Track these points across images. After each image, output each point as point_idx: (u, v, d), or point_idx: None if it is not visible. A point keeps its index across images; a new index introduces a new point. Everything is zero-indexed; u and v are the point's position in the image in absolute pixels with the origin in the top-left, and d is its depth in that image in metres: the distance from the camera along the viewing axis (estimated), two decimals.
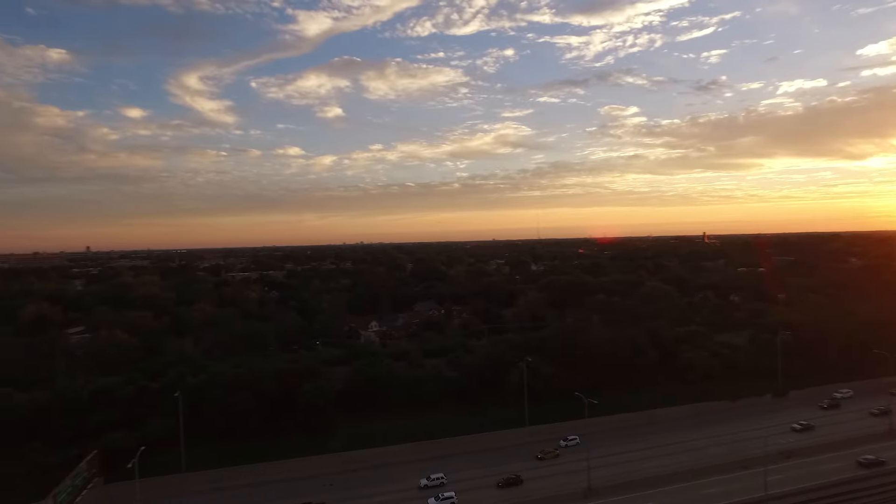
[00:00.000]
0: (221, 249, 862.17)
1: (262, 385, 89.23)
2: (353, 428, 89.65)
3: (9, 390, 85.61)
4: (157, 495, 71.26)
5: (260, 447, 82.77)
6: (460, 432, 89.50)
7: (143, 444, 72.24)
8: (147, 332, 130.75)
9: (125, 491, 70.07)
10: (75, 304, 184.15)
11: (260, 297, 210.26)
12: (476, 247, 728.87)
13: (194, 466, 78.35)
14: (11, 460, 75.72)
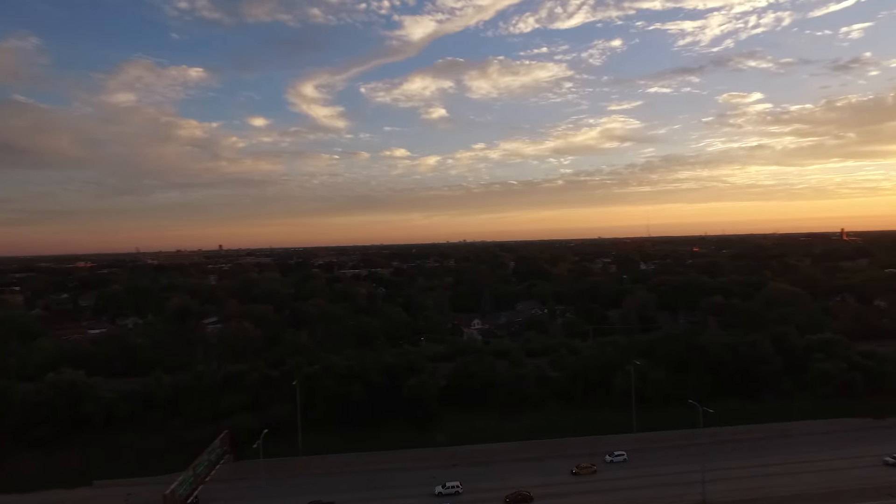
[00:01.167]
0: (334, 248, 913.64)
1: (371, 377, 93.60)
2: (456, 423, 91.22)
3: (158, 372, 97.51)
4: (279, 475, 77.58)
5: (368, 436, 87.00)
6: (562, 433, 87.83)
7: (267, 427, 78.80)
8: (269, 324, 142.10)
9: (251, 468, 77.03)
10: (210, 298, 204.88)
11: (369, 294, 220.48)
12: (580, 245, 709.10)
13: (310, 450, 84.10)
14: (159, 434, 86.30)
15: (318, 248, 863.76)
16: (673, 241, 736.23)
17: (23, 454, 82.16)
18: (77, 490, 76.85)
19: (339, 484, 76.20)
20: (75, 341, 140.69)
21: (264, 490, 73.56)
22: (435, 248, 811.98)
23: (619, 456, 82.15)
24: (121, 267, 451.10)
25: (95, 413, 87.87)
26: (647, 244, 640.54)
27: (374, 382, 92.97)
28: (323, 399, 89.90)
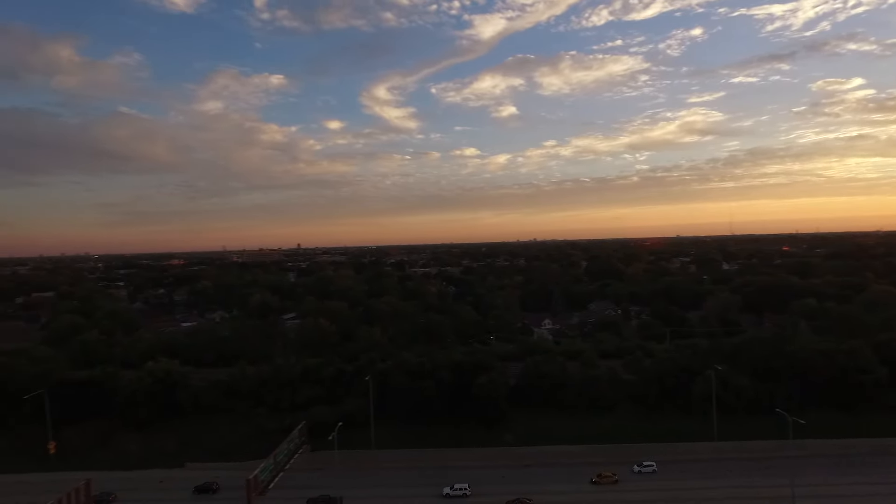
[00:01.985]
0: (405, 246, 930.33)
1: (441, 374, 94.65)
2: (525, 423, 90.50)
3: (242, 364, 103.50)
4: (353, 467, 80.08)
5: (438, 433, 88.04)
6: (636, 438, 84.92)
7: (341, 420, 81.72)
8: (344, 321, 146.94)
9: (327, 459, 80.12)
10: (289, 294, 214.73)
11: (439, 292, 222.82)
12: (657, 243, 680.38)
13: (381, 444, 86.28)
14: (242, 422, 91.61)
15: (390, 247, 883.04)
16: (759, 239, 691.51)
17: (127, 436, 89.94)
18: (172, 471, 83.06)
19: (412, 479, 77.59)
20: (170, 333, 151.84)
21: (339, 481, 76.27)
22: (505, 246, 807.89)
23: (647, 466, 78.47)
24: (209, 264, 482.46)
25: (187, 400, 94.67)
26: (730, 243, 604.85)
27: (444, 380, 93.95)
28: (394, 394, 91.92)
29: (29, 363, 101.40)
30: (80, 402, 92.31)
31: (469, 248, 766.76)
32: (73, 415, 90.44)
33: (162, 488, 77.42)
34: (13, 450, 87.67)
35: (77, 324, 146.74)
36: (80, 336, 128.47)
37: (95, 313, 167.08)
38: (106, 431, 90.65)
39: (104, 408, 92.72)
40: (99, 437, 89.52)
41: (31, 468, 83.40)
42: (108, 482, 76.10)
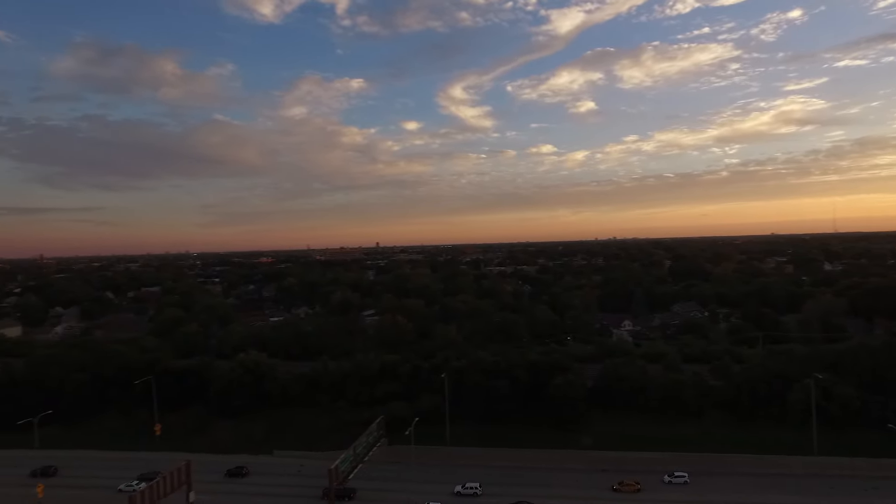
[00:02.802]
0: (481, 245, 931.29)
1: (516, 374, 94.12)
2: (604, 426, 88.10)
3: (324, 358, 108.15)
4: (428, 462, 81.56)
5: (512, 432, 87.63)
6: (724, 448, 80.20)
7: (417, 416, 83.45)
8: (420, 318, 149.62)
9: (403, 453, 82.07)
10: (368, 291, 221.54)
11: (514, 291, 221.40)
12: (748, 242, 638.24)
13: (456, 441, 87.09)
14: (324, 414, 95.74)
15: (466, 246, 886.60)
16: (868, 237, 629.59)
17: (221, 422, 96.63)
18: (260, 457, 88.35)
19: (487, 478, 77.71)
20: (259, 327, 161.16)
21: (415, 475, 78.02)
22: (582, 245, 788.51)
23: (679, 477, 74.65)
24: (295, 262, 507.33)
25: (275, 391, 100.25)
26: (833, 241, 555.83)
27: (519, 379, 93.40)
28: (469, 393, 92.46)
29: (139, 352, 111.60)
30: (181, 390, 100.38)
31: (545, 247, 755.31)
32: (175, 400, 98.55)
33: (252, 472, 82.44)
34: (127, 429, 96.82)
35: (178, 317, 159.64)
36: (181, 328, 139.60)
37: (194, 307, 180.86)
38: (203, 418, 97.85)
39: (201, 395, 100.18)
40: (197, 423, 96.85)
41: (141, 447, 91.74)
42: (206, 464, 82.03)
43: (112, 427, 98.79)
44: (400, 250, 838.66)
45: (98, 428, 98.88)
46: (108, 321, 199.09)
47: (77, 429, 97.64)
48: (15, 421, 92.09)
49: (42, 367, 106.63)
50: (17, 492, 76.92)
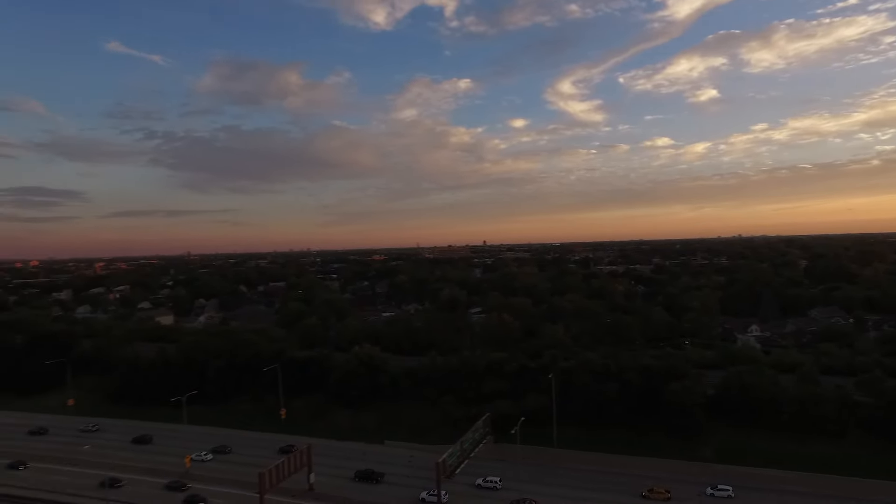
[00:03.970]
0: (590, 243, 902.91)
1: (628, 377, 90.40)
2: (725, 438, 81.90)
3: (433, 353, 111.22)
4: (534, 463, 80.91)
5: (623, 438, 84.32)
6: (872, 473, 71.02)
7: (523, 415, 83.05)
8: (527, 317, 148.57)
9: (509, 452, 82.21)
10: (475, 289, 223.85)
11: (626, 291, 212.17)
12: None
13: (563, 443, 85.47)
14: (432, 408, 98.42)
15: (574, 244, 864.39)
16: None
17: (338, 411, 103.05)
18: (373, 446, 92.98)
19: (596, 483, 75.65)
20: (372, 322, 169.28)
21: (520, 475, 77.79)
22: (702, 243, 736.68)
23: (722, 490, 70.58)
24: (405, 260, 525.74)
25: (386, 383, 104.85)
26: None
27: (630, 383, 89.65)
28: (576, 394, 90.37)
29: (267, 342, 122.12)
30: (304, 378, 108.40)
31: (660, 245, 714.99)
32: (298, 388, 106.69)
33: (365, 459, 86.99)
34: (257, 413, 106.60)
35: (301, 310, 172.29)
36: (303, 321, 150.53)
37: (315, 301, 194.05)
38: (323, 405, 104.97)
39: (322, 384, 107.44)
40: (317, 410, 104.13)
41: (268, 429, 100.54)
42: (324, 448, 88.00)
43: (245, 409, 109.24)
44: (507, 248, 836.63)
45: (234, 409, 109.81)
46: (241, 312, 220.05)
47: (217, 408, 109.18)
48: (168, 398, 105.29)
49: (189, 352, 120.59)
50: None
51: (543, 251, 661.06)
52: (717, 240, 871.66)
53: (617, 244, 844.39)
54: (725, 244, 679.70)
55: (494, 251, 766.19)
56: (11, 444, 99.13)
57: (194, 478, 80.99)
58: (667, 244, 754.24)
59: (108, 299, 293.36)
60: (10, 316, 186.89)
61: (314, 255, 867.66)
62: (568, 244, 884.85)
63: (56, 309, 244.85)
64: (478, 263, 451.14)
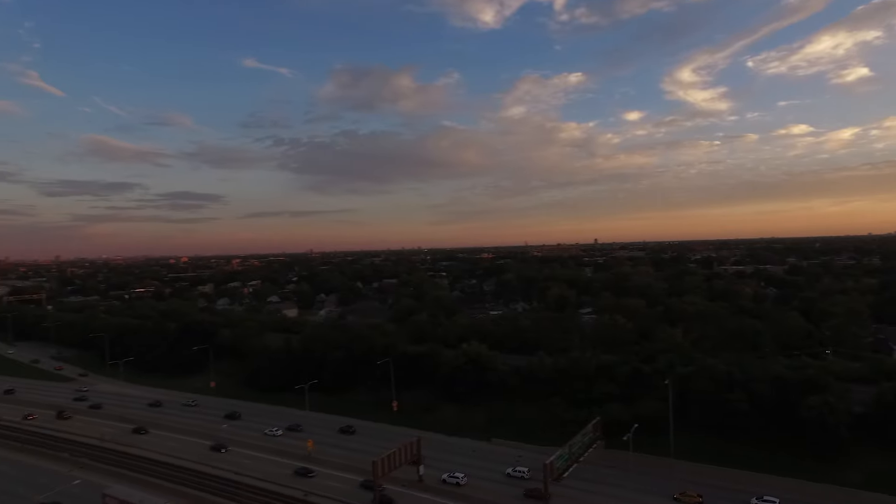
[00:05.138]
0: (713, 241, 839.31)
1: (756, 387, 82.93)
2: (876, 463, 72.24)
3: (540, 353, 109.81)
4: (647, 471, 76.80)
5: (748, 454, 77.49)
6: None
7: (636, 421, 79.28)
8: (641, 319, 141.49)
9: (620, 458, 78.87)
10: (585, 289, 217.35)
11: (755, 293, 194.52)
12: None
13: (680, 453, 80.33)
14: (539, 408, 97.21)
15: (695, 242, 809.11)
16: None
17: (447, 405, 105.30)
18: (480, 443, 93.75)
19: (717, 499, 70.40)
20: (480, 319, 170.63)
21: (632, 483, 74.30)
22: (849, 241, 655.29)
23: (769, 502, 66.17)
24: (513, 258, 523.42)
25: (493, 381, 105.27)
26: None
27: (759, 394, 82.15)
28: (695, 403, 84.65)
29: (381, 336, 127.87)
30: (414, 372, 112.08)
31: (797, 244, 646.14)
32: (408, 381, 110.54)
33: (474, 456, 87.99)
34: (371, 404, 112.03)
35: (412, 306, 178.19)
36: (414, 317, 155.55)
37: (425, 298, 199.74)
38: (431, 399, 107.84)
39: (431, 379, 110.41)
40: (426, 404, 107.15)
41: (381, 419, 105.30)
42: (434, 443, 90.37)
43: (359, 399, 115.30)
44: (619, 247, 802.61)
45: (349, 398, 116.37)
46: (357, 307, 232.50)
47: (334, 397, 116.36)
48: (293, 385, 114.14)
49: (310, 344, 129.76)
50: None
51: (660, 250, 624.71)
52: (868, 237, 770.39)
53: (744, 242, 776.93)
54: (879, 242, 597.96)
55: (606, 250, 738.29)
56: (173, 419, 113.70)
57: (314, 461, 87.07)
58: (804, 242, 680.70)
59: (242, 293, 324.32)
60: (166, 306, 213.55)
61: (425, 253, 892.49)
62: (687, 242, 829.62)
63: (201, 301, 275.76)
64: (588, 262, 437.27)
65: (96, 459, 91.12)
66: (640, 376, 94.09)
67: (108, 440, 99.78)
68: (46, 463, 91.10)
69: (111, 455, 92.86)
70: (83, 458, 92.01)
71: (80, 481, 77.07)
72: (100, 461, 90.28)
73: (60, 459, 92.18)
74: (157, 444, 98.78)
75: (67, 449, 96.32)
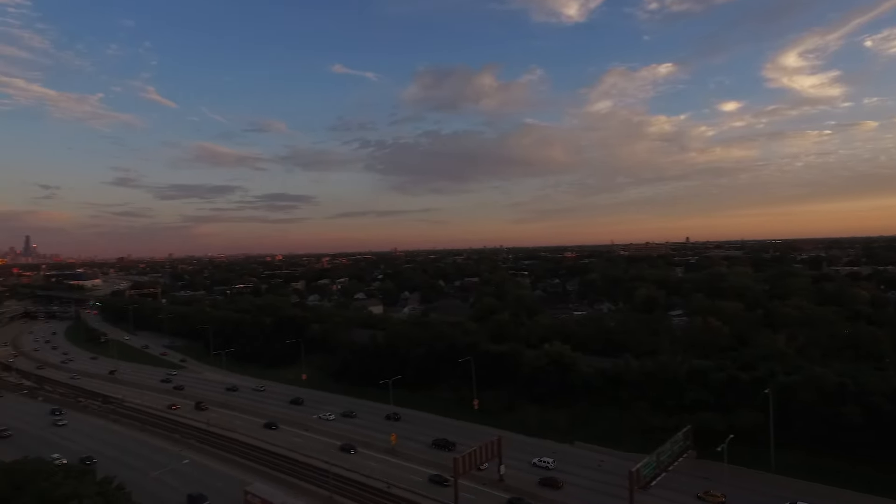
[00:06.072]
0: (822, 239, 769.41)
1: (874, 401, 75.13)
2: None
3: (626, 356, 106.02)
4: (743, 486, 71.70)
5: (864, 474, 70.41)
6: None
7: (732, 432, 74.42)
8: (738, 323, 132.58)
9: (714, 470, 74.35)
10: (676, 290, 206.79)
11: (873, 297, 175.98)
12: None
13: (782, 469, 74.55)
14: (624, 413, 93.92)
15: (801, 240, 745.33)
16: None
17: (528, 406, 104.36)
18: (562, 445, 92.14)
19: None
20: (563, 320, 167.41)
21: (728, 498, 69.90)
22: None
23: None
24: (598, 257, 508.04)
25: (576, 382, 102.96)
26: None
27: (878, 408, 74.33)
28: (801, 415, 78.10)
29: (462, 334, 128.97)
30: (495, 371, 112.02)
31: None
32: (489, 380, 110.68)
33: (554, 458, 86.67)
34: (452, 401, 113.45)
35: (493, 305, 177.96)
36: (495, 315, 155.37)
37: (506, 297, 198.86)
38: (513, 399, 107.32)
39: (511, 378, 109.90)
40: (506, 403, 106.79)
41: (462, 417, 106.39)
42: (514, 443, 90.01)
43: (441, 396, 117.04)
44: (714, 246, 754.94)
45: (431, 395, 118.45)
46: (439, 305, 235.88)
47: (417, 393, 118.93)
48: (377, 380, 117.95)
49: (394, 340, 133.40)
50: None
51: (760, 249, 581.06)
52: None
53: (858, 240, 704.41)
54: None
55: (699, 248, 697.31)
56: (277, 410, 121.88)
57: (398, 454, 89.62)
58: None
59: (331, 289, 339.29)
60: (262, 301, 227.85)
61: (506, 252, 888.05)
62: (792, 241, 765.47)
63: (294, 297, 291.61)
64: (679, 262, 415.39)
65: (203, 442, 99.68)
66: (737, 384, 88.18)
67: (213, 424, 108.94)
68: (162, 442, 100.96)
69: (213, 438, 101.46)
70: (192, 439, 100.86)
71: (188, 461, 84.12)
72: (206, 444, 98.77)
73: (173, 440, 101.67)
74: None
75: (179, 431, 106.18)
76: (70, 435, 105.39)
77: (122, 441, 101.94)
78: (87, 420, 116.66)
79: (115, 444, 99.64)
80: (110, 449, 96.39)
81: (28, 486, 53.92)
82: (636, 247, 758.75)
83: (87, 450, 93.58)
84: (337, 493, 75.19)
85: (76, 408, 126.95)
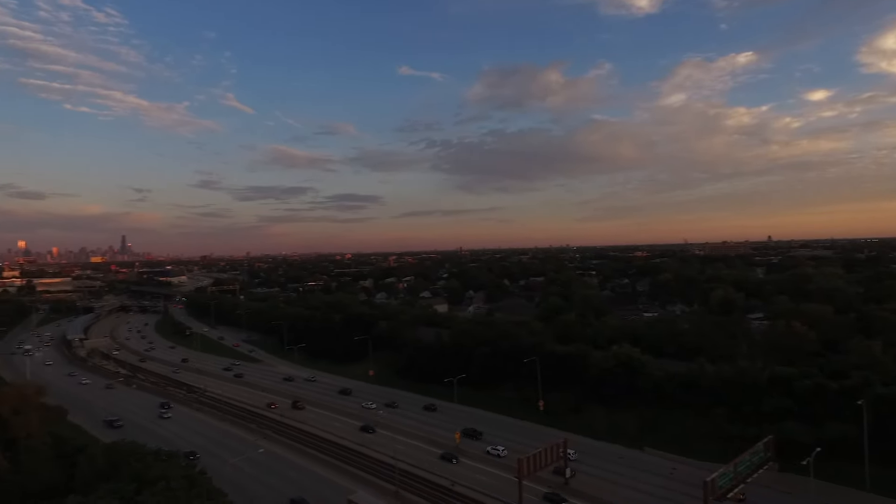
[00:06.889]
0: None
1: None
2: None
3: (701, 360, 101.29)
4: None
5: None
6: None
7: (819, 445, 69.44)
8: (827, 328, 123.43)
9: (799, 485, 69.54)
10: (756, 292, 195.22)
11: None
12: None
13: (878, 487, 68.67)
14: (698, 419, 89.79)
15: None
16: None
17: (595, 408, 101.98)
18: (631, 451, 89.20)
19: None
20: (632, 321, 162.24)
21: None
22: None
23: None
24: (670, 257, 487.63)
25: (646, 386, 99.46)
26: None
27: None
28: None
29: (528, 334, 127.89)
30: (561, 372, 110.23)
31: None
32: (554, 381, 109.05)
33: (621, 463, 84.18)
34: (517, 401, 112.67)
35: (559, 305, 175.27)
36: (561, 315, 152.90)
37: (573, 297, 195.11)
38: (579, 401, 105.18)
39: (578, 380, 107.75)
40: (573, 405, 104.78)
41: (527, 418, 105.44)
42: (581, 446, 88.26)
43: (506, 396, 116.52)
44: (800, 244, 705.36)
45: (495, 395, 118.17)
46: (504, 304, 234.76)
47: (481, 392, 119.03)
48: (442, 377, 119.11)
49: (459, 338, 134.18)
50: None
51: (853, 248, 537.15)
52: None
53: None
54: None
55: (782, 248, 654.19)
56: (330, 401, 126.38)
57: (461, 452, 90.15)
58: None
59: (398, 288, 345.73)
60: (332, 298, 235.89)
61: (573, 251, 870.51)
62: (889, 240, 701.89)
63: (362, 294, 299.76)
64: (760, 262, 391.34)
65: (278, 432, 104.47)
66: (825, 393, 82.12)
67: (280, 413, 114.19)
68: (239, 431, 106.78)
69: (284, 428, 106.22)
70: (267, 430, 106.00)
71: (263, 450, 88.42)
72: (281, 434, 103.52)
73: (250, 429, 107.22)
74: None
75: (255, 421, 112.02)
76: (172, 427, 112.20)
77: (207, 430, 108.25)
78: (189, 413, 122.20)
79: (211, 437, 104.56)
80: (205, 441, 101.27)
81: (124, 467, 58.74)
82: (712, 246, 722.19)
83: (190, 444, 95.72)
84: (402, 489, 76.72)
85: (181, 401, 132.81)
